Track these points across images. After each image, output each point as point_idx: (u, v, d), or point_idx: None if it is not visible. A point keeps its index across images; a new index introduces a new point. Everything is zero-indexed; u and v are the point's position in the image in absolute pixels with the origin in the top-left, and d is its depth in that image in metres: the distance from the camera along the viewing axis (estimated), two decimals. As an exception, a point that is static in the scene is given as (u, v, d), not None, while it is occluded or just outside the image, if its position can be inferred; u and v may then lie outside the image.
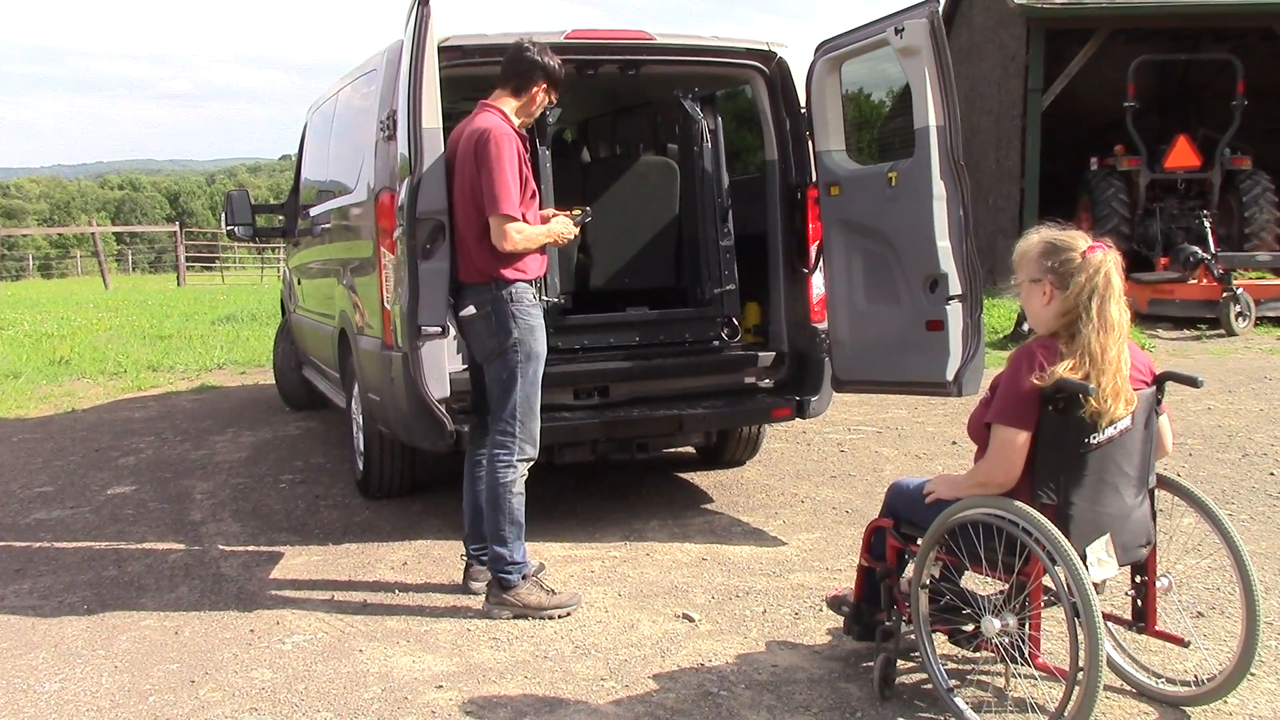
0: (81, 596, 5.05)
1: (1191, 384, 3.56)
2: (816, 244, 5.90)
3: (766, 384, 6.27)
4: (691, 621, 4.52)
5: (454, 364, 5.24)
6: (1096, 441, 3.30)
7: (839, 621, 4.17)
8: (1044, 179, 15.63)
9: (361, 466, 6.49)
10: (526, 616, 4.57)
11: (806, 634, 4.35)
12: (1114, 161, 14.71)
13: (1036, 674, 3.46)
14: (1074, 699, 3.18)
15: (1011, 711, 3.57)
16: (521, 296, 4.63)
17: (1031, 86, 15.54)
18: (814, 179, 5.82)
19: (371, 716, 3.75)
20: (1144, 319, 12.66)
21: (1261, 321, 12.74)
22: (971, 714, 3.48)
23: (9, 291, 28.58)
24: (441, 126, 4.86)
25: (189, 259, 35.78)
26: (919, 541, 3.65)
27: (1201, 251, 13.11)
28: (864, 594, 3.97)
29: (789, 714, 3.66)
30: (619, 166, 6.66)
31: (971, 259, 5.13)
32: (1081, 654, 3.16)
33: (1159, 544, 3.64)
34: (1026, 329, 9.05)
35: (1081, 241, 3.40)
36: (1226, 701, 3.60)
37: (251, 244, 25.67)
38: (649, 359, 6.04)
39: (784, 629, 4.41)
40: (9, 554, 5.74)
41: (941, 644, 3.74)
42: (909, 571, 3.74)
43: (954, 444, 7.48)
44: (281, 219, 9.18)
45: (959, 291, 5.15)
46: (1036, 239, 3.48)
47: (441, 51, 5.00)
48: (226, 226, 9.04)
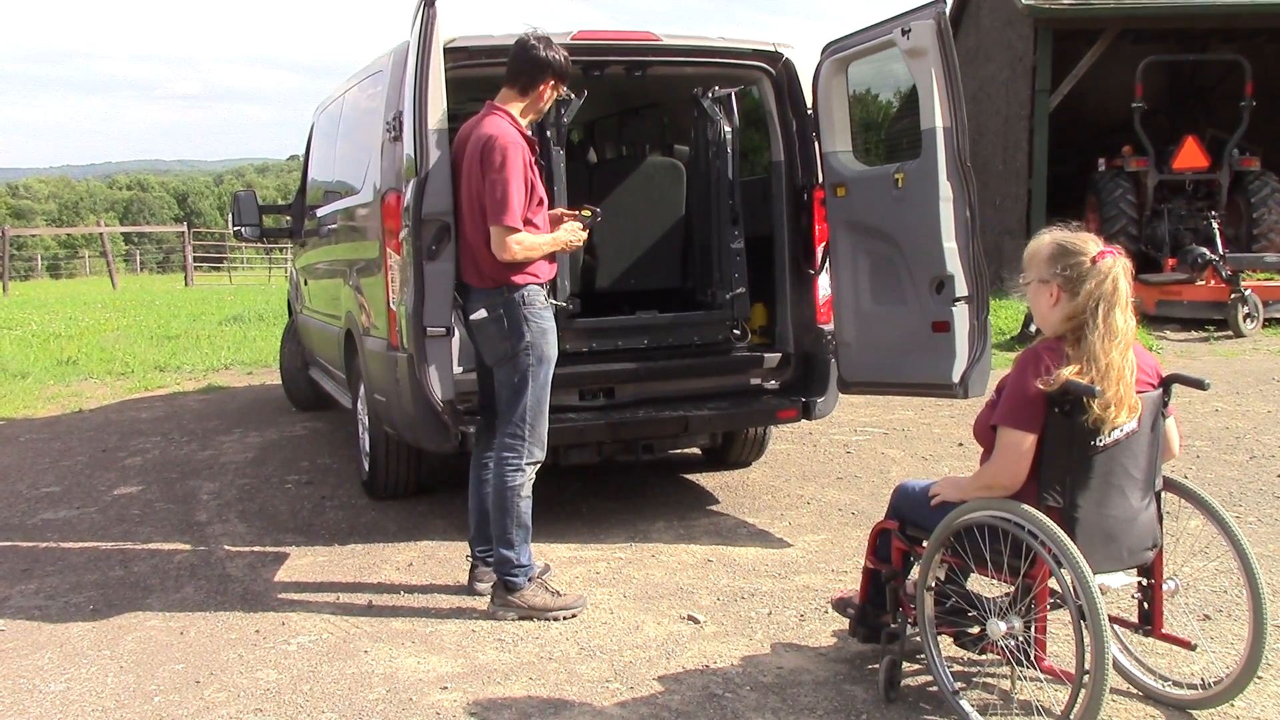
0: (87, 597, 5.06)
1: (1198, 386, 3.54)
2: (823, 245, 5.90)
3: (772, 385, 6.27)
4: (696, 623, 4.51)
5: (459, 366, 5.24)
6: (1103, 444, 3.29)
7: (844, 624, 4.17)
8: (1051, 180, 15.60)
9: (367, 467, 6.49)
10: (532, 618, 4.56)
11: (812, 636, 4.34)
12: (1122, 162, 14.67)
13: (1042, 677, 3.44)
14: (1080, 702, 3.17)
15: (1017, 714, 3.56)
16: (534, 299, 4.61)
17: (1039, 87, 15.51)
18: (820, 180, 5.82)
19: (376, 717, 3.75)
20: (1151, 320, 12.63)
21: (1269, 323, 12.70)
22: (977, 716, 3.47)
23: (17, 291, 28.66)
24: (447, 128, 4.86)
25: (197, 259, 35.86)
26: (924, 544, 3.64)
27: (1209, 253, 13.06)
28: (869, 596, 3.97)
29: (794, 716, 3.65)
30: (625, 168, 6.65)
31: (978, 260, 5.12)
32: (1087, 657, 3.15)
33: (1166, 547, 3.63)
34: (1034, 330, 9.03)
35: (1092, 246, 3.39)
36: (1233, 705, 3.59)
37: (259, 244, 25.71)
38: (654, 360, 6.04)
39: (789, 631, 4.40)
40: (15, 554, 5.76)
41: (947, 646, 3.73)
42: (914, 574, 3.73)
43: (960, 446, 7.47)
44: (288, 219, 9.19)
45: (965, 293, 5.14)
46: (1048, 239, 3.47)
47: (447, 53, 5.00)
48: (234, 227, 9.05)
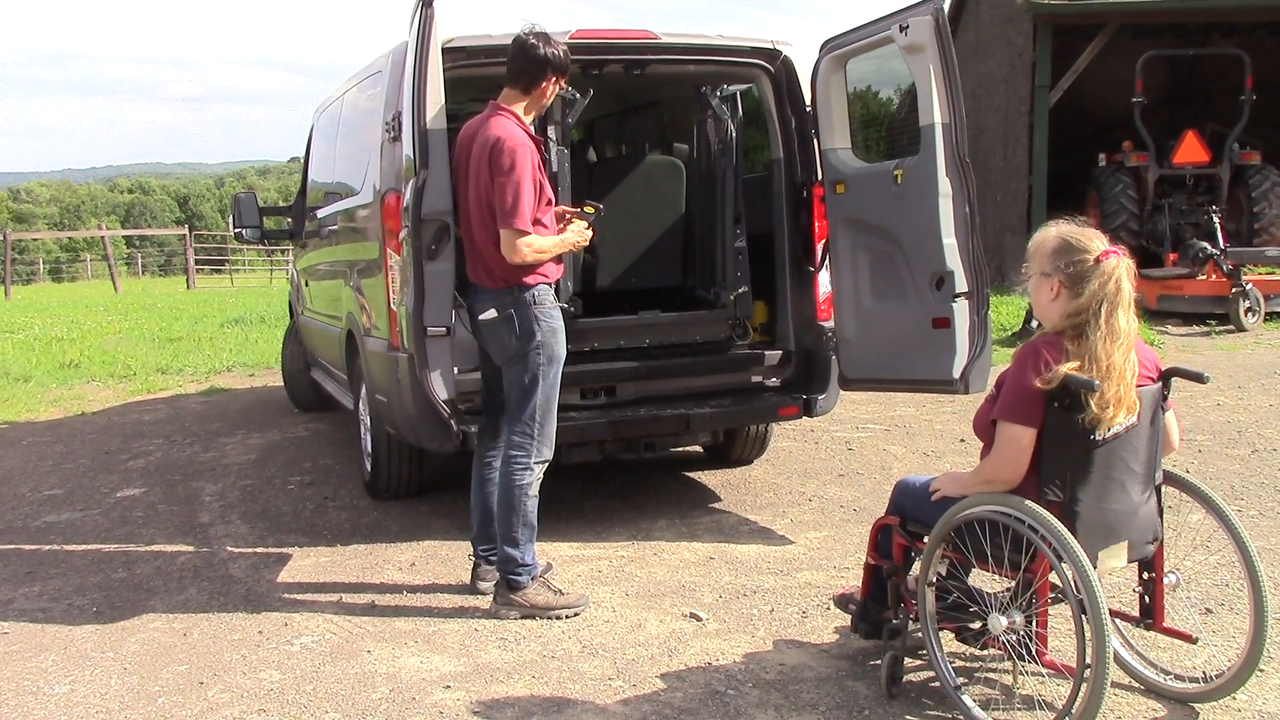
0: (91, 599, 5.07)
1: (1197, 380, 3.54)
2: (822, 242, 5.90)
3: (773, 383, 6.27)
4: (699, 621, 4.52)
5: (461, 365, 5.25)
6: (1103, 438, 3.29)
7: (846, 620, 4.17)
8: (1052, 175, 15.60)
9: (369, 468, 6.50)
10: (534, 617, 4.57)
11: (814, 632, 4.34)
12: (1122, 157, 14.67)
13: (1044, 671, 3.45)
14: (1081, 696, 3.17)
15: (1019, 709, 3.57)
16: (544, 299, 4.61)
17: (1039, 83, 15.51)
18: (820, 177, 5.82)
19: (379, 717, 3.76)
20: (1153, 315, 12.62)
21: (1271, 317, 12.68)
22: (979, 711, 3.47)
23: (19, 295, 28.67)
24: (446, 128, 4.86)
25: (198, 262, 35.87)
26: (925, 539, 3.64)
27: (1210, 247, 13.05)
28: (871, 592, 3.97)
29: (796, 713, 3.66)
30: (625, 166, 6.66)
31: (978, 256, 5.12)
32: (1089, 651, 3.15)
33: (1167, 540, 3.64)
34: (1035, 326, 9.02)
35: (1097, 244, 3.39)
36: (1235, 698, 3.59)
37: (260, 246, 25.72)
38: (656, 359, 6.04)
39: (791, 628, 4.41)
40: (19, 556, 5.77)
41: (949, 642, 3.73)
42: (916, 569, 3.73)
43: (962, 441, 7.47)
44: (289, 221, 9.20)
45: (965, 289, 5.14)
46: (1054, 233, 3.46)
47: (446, 53, 5.00)
48: (235, 229, 9.05)
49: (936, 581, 3.60)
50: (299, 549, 5.70)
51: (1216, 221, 13.61)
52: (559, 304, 4.81)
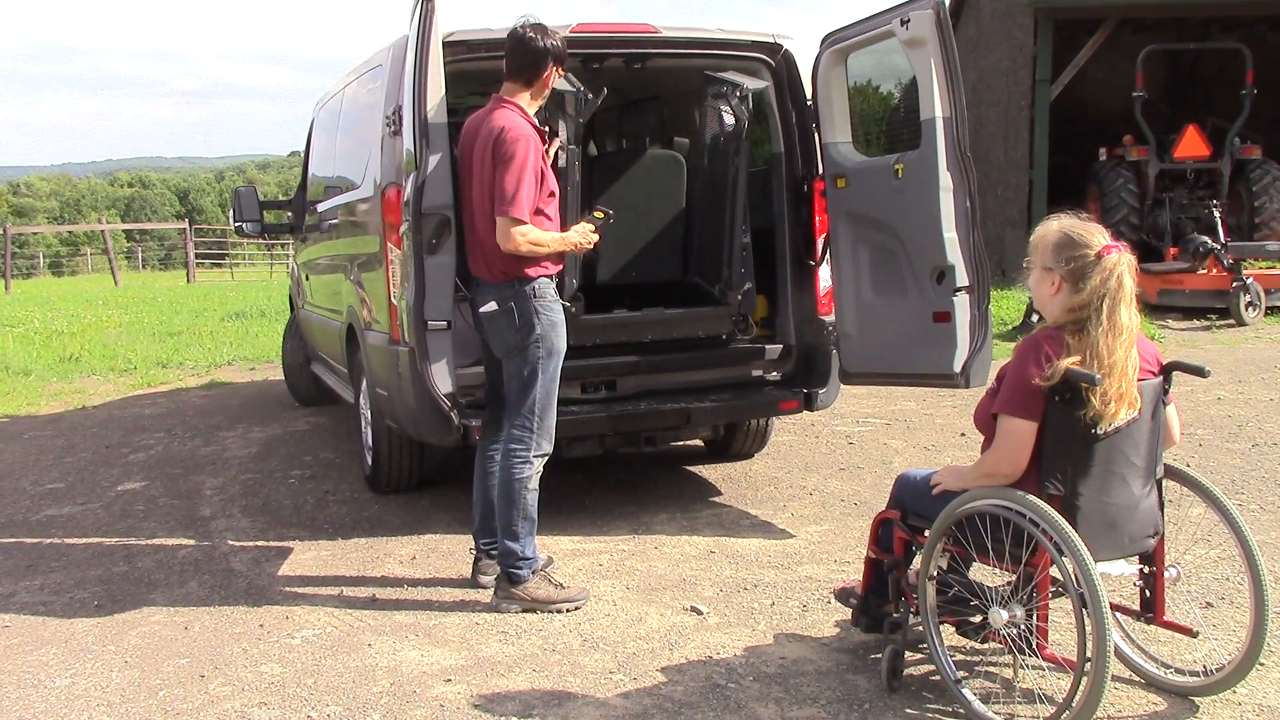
0: (92, 592, 5.08)
1: (1198, 374, 3.54)
2: (823, 236, 5.90)
3: (774, 377, 6.27)
4: (699, 614, 4.52)
5: (461, 358, 5.24)
6: (1103, 432, 3.29)
7: (847, 614, 4.17)
8: (1052, 170, 15.58)
9: (370, 461, 6.50)
10: (535, 611, 4.57)
11: (814, 626, 4.35)
12: (1123, 152, 14.65)
13: (1044, 665, 3.45)
14: (1082, 690, 3.18)
15: (1019, 702, 3.57)
16: (544, 292, 4.61)
17: (1040, 77, 15.48)
18: (820, 171, 5.81)
19: (380, 710, 3.76)
20: (1153, 309, 12.61)
21: (1271, 311, 12.68)
22: (979, 705, 3.47)
23: (20, 289, 28.67)
24: (447, 122, 4.85)
25: (198, 256, 35.86)
26: (926, 533, 3.65)
27: (1211, 241, 13.04)
28: (871, 586, 3.97)
29: (797, 706, 3.66)
30: (625, 161, 6.65)
31: (978, 250, 5.12)
32: (1089, 645, 3.16)
33: (1167, 534, 3.64)
34: (1035, 320, 9.02)
35: (1098, 239, 3.39)
36: (1235, 691, 3.59)
37: (260, 240, 25.70)
38: (656, 353, 6.03)
39: (792, 621, 4.41)
40: (20, 550, 5.77)
41: (949, 635, 3.74)
42: (916, 563, 3.74)
43: (963, 435, 7.47)
44: (289, 215, 9.20)
45: (966, 283, 5.14)
46: (1055, 227, 3.46)
47: (446, 46, 5.00)
48: (235, 223, 9.05)
49: (937, 575, 3.60)
50: (300, 543, 5.70)
51: (1217, 216, 13.59)
52: (560, 299, 4.80)
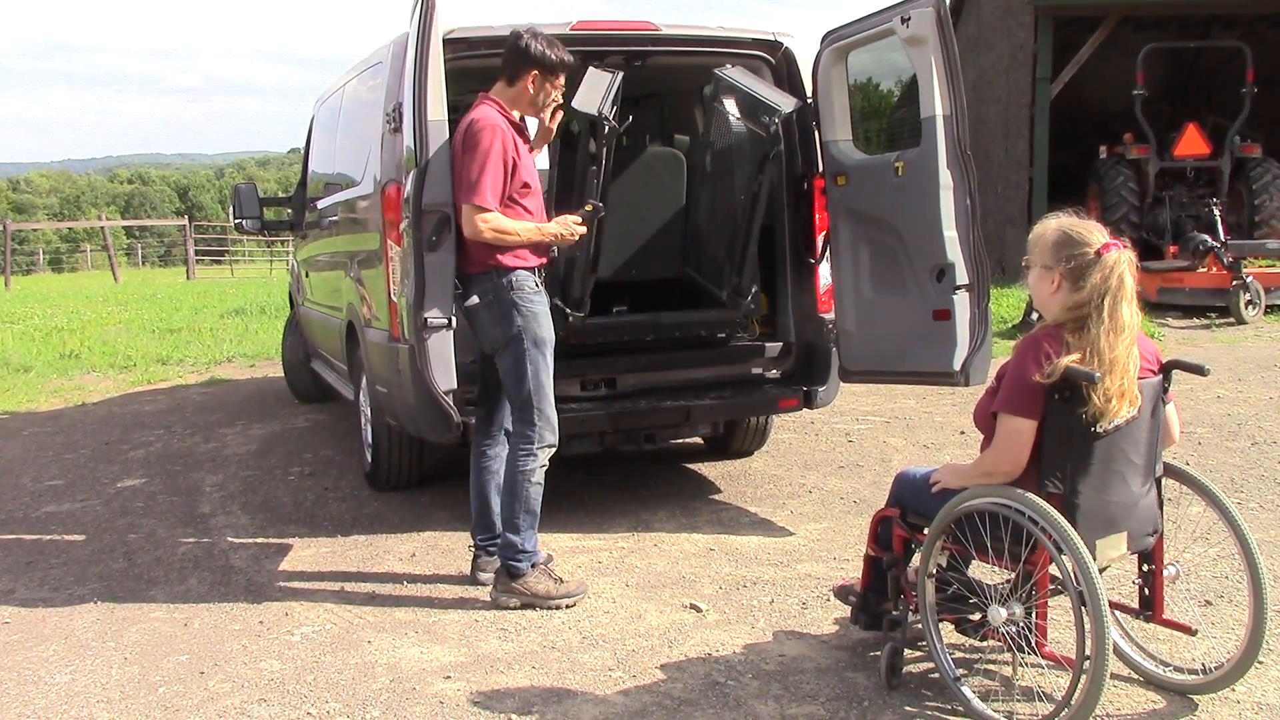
0: (91, 589, 5.08)
1: (1198, 372, 3.55)
2: (823, 234, 5.89)
3: (774, 374, 6.27)
4: (699, 612, 4.52)
5: (461, 356, 5.24)
6: (1103, 430, 3.29)
7: (846, 611, 4.18)
8: (1052, 168, 15.58)
9: (370, 458, 6.50)
10: (534, 606, 4.57)
11: (814, 624, 4.35)
12: (1123, 150, 14.64)
13: (1043, 663, 3.45)
14: (1081, 688, 3.18)
15: (1018, 700, 3.57)
16: (522, 284, 4.63)
17: (1040, 75, 15.48)
18: (820, 169, 5.81)
19: (380, 707, 3.77)
20: (1153, 308, 12.60)
21: (1271, 310, 12.67)
22: (978, 703, 3.48)
23: (19, 285, 28.66)
24: (447, 119, 4.85)
25: (198, 253, 35.85)
26: (925, 531, 3.65)
27: (1211, 240, 13.03)
28: (871, 583, 3.98)
29: (796, 703, 3.67)
30: (625, 158, 6.63)
31: (978, 248, 5.12)
32: (1088, 643, 3.16)
33: (1166, 532, 3.64)
34: (1035, 318, 9.02)
35: (1098, 237, 3.39)
36: (1234, 690, 3.60)
37: (260, 237, 25.69)
38: (656, 350, 6.03)
39: (791, 619, 4.41)
40: (20, 547, 5.77)
41: (948, 633, 3.74)
42: (916, 561, 3.74)
43: (962, 433, 7.47)
44: (289, 212, 9.19)
45: (966, 281, 5.14)
46: (1054, 225, 3.46)
47: (446, 44, 5.00)
48: (235, 220, 9.05)
49: (936, 573, 3.61)
50: (299, 540, 5.71)
51: (1217, 214, 13.59)
52: (543, 291, 4.77)
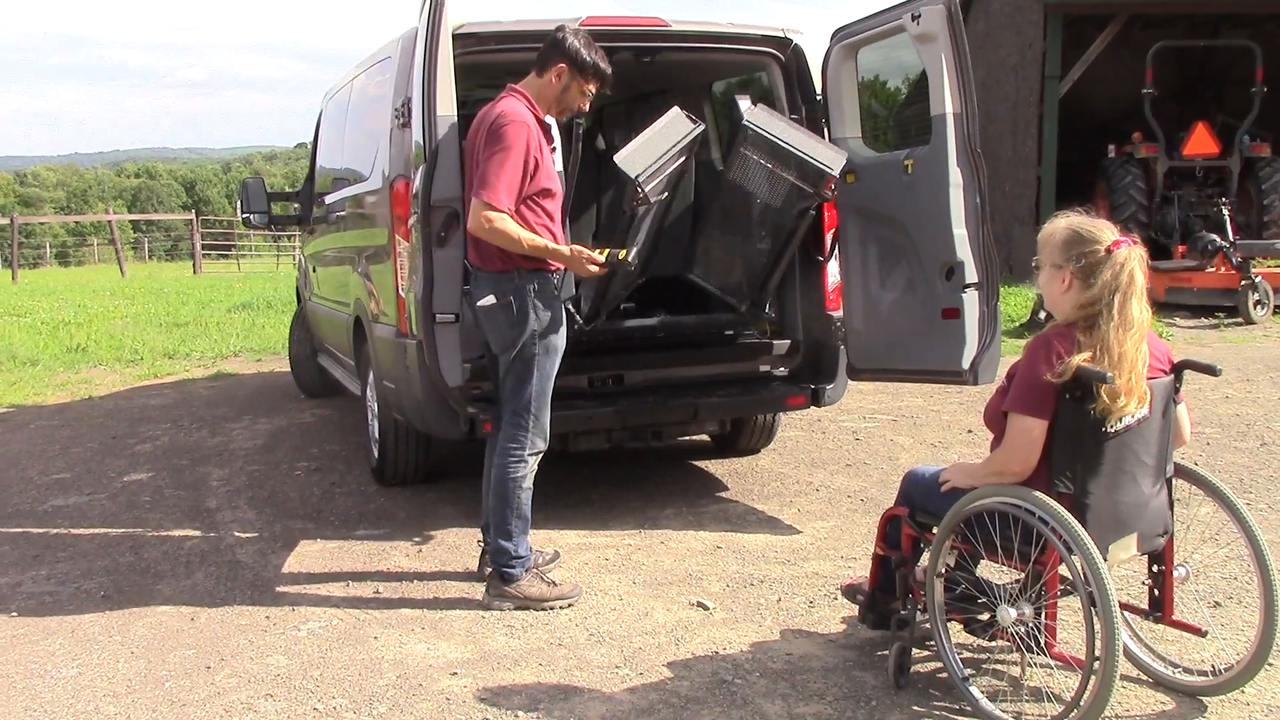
0: (98, 583, 5.08)
1: (1210, 372, 3.53)
2: (832, 232, 5.88)
3: (781, 372, 6.26)
4: (706, 610, 4.51)
5: (469, 352, 5.24)
6: (1114, 430, 3.28)
7: (854, 610, 4.17)
8: (1061, 166, 15.55)
9: (376, 454, 6.50)
10: (528, 609, 4.55)
11: (821, 622, 4.34)
12: (1132, 149, 14.60)
13: (1052, 663, 3.44)
14: (1090, 689, 3.17)
15: (1027, 701, 3.56)
16: (544, 287, 4.54)
17: (1049, 73, 15.44)
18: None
19: (386, 703, 3.76)
20: (1162, 307, 12.56)
21: (1280, 310, 12.66)
22: (986, 703, 3.47)
23: (27, 279, 28.69)
24: (456, 114, 4.84)
25: (205, 247, 35.90)
26: (934, 530, 3.64)
27: (1220, 239, 13.01)
28: (879, 582, 3.96)
29: (803, 702, 3.66)
30: None
31: (988, 247, 5.10)
32: (1098, 643, 3.15)
33: (1176, 533, 3.63)
34: (1044, 317, 8.99)
35: (1107, 234, 3.37)
36: (1244, 691, 3.58)
37: (267, 232, 25.73)
38: (664, 348, 6.02)
39: (799, 617, 4.40)
40: (26, 540, 5.78)
41: (957, 633, 3.73)
42: (924, 560, 3.73)
43: (970, 432, 7.46)
44: (297, 207, 9.20)
45: (975, 279, 5.12)
46: (1063, 224, 3.45)
47: (456, 38, 4.99)
48: (242, 214, 9.05)
49: (945, 572, 3.59)
50: (306, 535, 5.70)
51: (1226, 214, 13.55)
52: (560, 298, 4.72)
